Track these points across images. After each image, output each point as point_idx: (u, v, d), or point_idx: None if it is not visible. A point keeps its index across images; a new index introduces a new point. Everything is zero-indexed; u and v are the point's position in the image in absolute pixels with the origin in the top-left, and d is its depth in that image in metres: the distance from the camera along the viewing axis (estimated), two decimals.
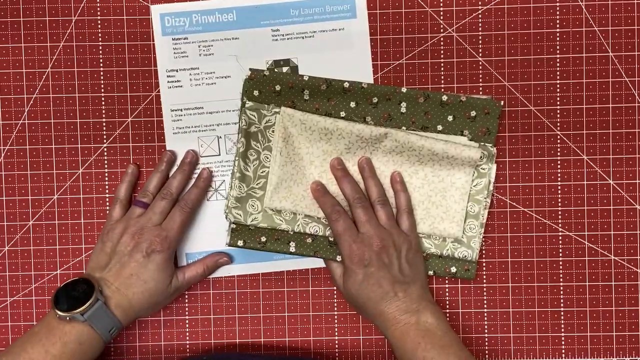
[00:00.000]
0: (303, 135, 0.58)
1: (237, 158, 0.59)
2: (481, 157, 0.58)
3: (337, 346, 0.61)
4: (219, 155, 0.60)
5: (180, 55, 0.60)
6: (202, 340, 0.61)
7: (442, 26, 0.60)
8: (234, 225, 0.59)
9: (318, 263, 0.61)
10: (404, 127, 0.59)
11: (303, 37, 0.60)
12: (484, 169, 0.59)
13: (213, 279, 0.61)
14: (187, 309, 0.61)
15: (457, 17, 0.60)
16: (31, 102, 0.60)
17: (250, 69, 0.59)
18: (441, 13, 0.60)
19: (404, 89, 0.59)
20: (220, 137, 0.60)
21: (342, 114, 0.59)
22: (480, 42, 0.60)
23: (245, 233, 0.59)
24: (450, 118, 0.59)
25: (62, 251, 0.60)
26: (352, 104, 0.59)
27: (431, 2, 0.60)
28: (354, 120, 0.59)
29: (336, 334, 0.61)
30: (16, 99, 0.60)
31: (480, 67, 0.60)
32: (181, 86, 0.60)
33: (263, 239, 0.59)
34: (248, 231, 0.59)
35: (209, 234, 0.60)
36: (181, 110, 0.60)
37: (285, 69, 0.60)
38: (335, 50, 0.60)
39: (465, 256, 0.59)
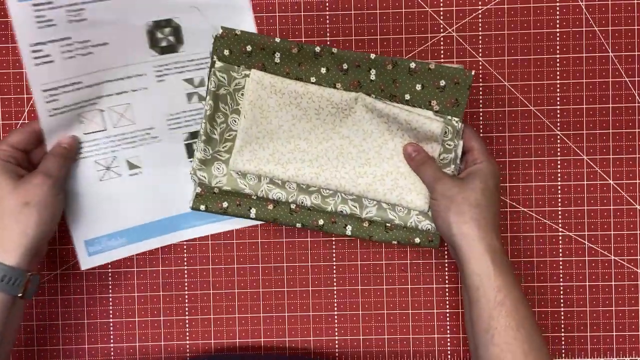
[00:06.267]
0: (273, 98, 0.58)
1: (204, 121, 0.58)
2: (445, 132, 0.56)
3: (337, 346, 0.61)
4: (106, 130, 0.56)
5: (46, 25, 0.51)
6: (202, 340, 0.61)
7: (442, 26, 0.60)
8: (199, 190, 0.59)
9: (317, 261, 0.61)
10: (372, 95, 0.58)
11: None
12: (449, 145, 0.57)
13: (213, 280, 0.61)
14: (187, 309, 0.61)
15: (457, 17, 0.60)
16: (31, 102, 0.60)
17: (222, 27, 0.57)
18: (441, 13, 0.60)
19: (372, 56, 0.57)
20: (104, 111, 0.56)
21: (313, 79, 0.58)
22: (480, 42, 0.60)
23: (208, 198, 0.59)
24: (418, 87, 0.57)
25: (62, 251, 0.60)
26: (323, 70, 0.58)
27: (431, 2, 0.60)
28: (324, 86, 0.58)
29: (336, 334, 0.61)
30: (16, 99, 0.60)
31: (480, 67, 0.60)
32: (52, 61, 0.52)
33: (225, 204, 0.59)
34: (211, 196, 0.59)
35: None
36: (56, 88, 0.53)
37: (166, 30, 0.57)
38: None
39: (429, 229, 0.58)
